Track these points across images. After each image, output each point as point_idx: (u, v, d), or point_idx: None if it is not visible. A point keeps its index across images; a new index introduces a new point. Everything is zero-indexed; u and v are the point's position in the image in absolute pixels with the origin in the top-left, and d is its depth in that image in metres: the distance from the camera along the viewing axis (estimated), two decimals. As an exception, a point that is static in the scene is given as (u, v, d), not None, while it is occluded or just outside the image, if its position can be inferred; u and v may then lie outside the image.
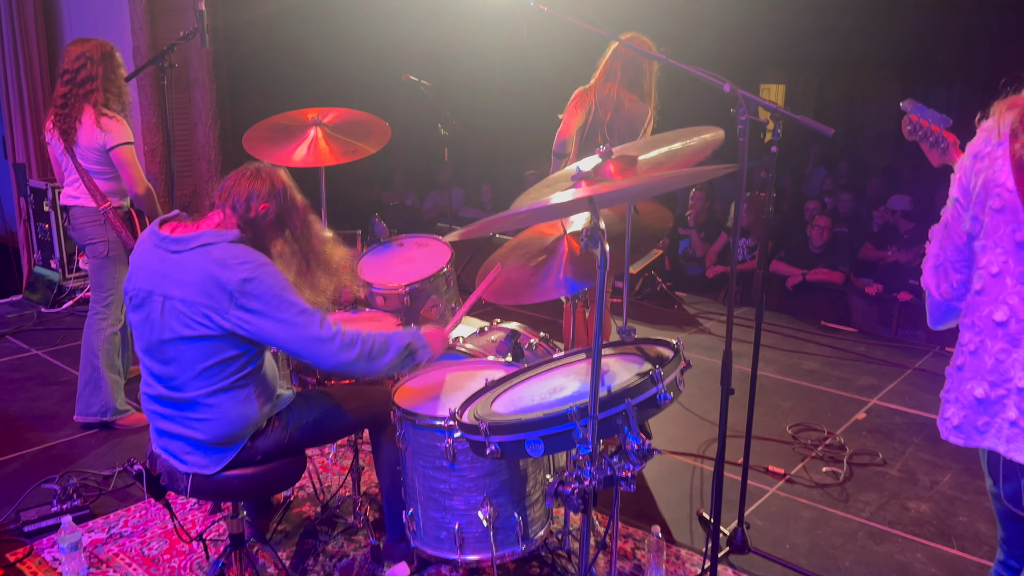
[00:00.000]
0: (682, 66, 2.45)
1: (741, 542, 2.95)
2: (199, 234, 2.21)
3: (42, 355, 4.91)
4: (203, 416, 2.24)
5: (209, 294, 2.13)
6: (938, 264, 1.85)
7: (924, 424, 4.12)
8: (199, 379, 2.21)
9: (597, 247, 1.79)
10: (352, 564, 2.85)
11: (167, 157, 4.46)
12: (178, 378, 2.22)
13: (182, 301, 2.15)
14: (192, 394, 2.23)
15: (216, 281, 2.13)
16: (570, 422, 1.87)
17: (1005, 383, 1.70)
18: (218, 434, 2.25)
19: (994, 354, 1.71)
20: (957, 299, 1.83)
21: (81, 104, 3.58)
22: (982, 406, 1.74)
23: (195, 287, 2.14)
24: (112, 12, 6.33)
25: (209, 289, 2.13)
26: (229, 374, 2.23)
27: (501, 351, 2.98)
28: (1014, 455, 1.68)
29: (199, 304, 2.14)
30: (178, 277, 2.17)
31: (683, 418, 4.11)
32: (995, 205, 1.68)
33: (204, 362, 2.20)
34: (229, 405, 2.24)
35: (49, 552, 2.90)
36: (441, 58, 7.97)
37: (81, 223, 3.70)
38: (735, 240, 2.57)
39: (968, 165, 1.76)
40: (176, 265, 2.18)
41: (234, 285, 2.12)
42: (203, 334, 2.16)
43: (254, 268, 2.15)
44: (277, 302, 2.14)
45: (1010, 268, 1.68)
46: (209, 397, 2.23)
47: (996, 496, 1.78)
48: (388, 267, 3.31)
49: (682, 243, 7.11)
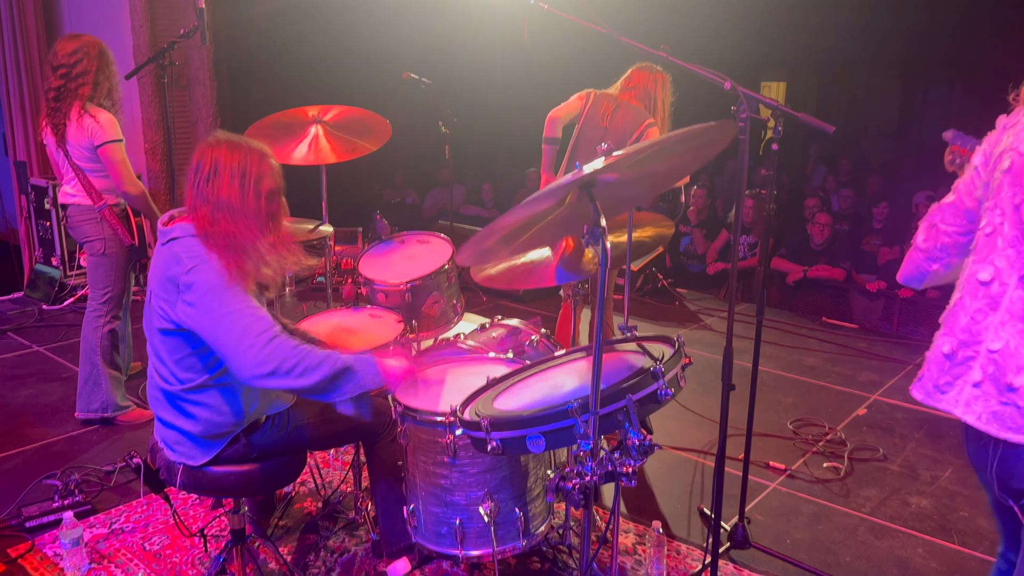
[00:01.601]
0: (683, 63, 2.46)
1: (742, 537, 2.96)
2: (173, 228, 2.20)
3: (43, 352, 4.92)
4: (188, 409, 2.25)
5: (165, 287, 2.15)
6: (932, 223, 1.89)
7: (925, 420, 4.13)
8: (177, 372, 2.22)
9: (598, 244, 1.79)
10: (353, 559, 2.86)
11: (167, 155, 4.47)
12: (163, 369, 2.25)
13: (155, 294, 2.20)
14: (176, 387, 2.24)
15: (169, 274, 2.14)
16: (571, 418, 1.87)
17: (975, 344, 1.68)
18: (202, 430, 2.26)
19: (971, 313, 1.70)
20: (933, 259, 1.86)
21: (72, 100, 3.54)
22: (948, 362, 1.72)
23: (159, 281, 2.17)
24: (112, 10, 6.33)
25: (165, 283, 2.15)
26: (202, 368, 2.22)
27: (502, 348, 2.99)
28: (968, 418, 1.66)
29: (160, 296, 2.17)
30: (154, 270, 2.21)
31: (684, 414, 4.11)
32: (1004, 166, 1.70)
33: (175, 354, 2.20)
34: (211, 403, 2.25)
35: (51, 548, 2.91)
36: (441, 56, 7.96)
37: (78, 221, 3.70)
38: (736, 237, 2.57)
39: (995, 135, 1.78)
40: (156, 258, 2.23)
41: (180, 278, 2.11)
42: (163, 327, 2.18)
43: (199, 262, 2.12)
44: (211, 297, 2.08)
45: (1003, 230, 1.68)
46: (190, 393, 2.23)
47: (986, 484, 1.78)
48: (389, 264, 3.32)
49: (683, 240, 7.11)
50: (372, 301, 3.19)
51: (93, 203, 3.64)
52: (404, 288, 3.09)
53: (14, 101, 6.34)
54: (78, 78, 3.55)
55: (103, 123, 3.54)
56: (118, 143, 3.59)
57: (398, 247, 3.45)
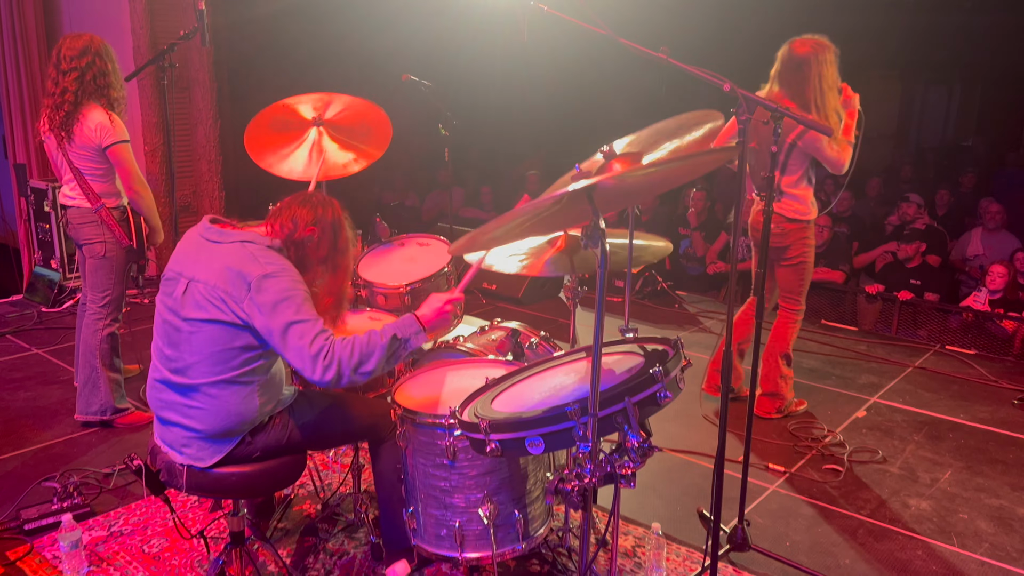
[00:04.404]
0: (682, 65, 2.45)
1: (741, 539, 2.95)
2: (244, 232, 2.29)
3: (43, 354, 4.92)
4: (201, 405, 2.25)
5: (231, 281, 2.19)
6: None
7: (924, 422, 4.13)
8: (205, 364, 2.23)
9: (597, 246, 1.79)
10: (352, 562, 2.86)
11: (167, 157, 4.46)
12: (184, 360, 2.25)
13: (204, 284, 2.21)
14: (195, 380, 2.25)
15: (240, 272, 2.19)
16: (570, 420, 1.87)
17: None
18: (214, 426, 2.26)
19: None
20: None
21: (88, 100, 3.53)
22: None
23: (220, 273, 2.20)
24: (112, 11, 6.33)
25: (232, 277, 2.19)
26: (236, 365, 2.25)
27: (502, 350, 2.99)
28: None
29: (219, 288, 2.19)
30: (207, 262, 2.24)
31: (683, 416, 4.11)
32: None
33: (212, 347, 2.23)
34: (230, 398, 2.26)
35: (49, 550, 2.91)
36: (441, 58, 7.97)
37: (78, 223, 3.69)
38: (735, 239, 2.57)
39: None
40: (210, 253, 2.26)
41: (254, 278, 2.17)
42: (215, 316, 2.20)
43: (278, 269, 2.21)
44: (285, 303, 2.16)
45: None
46: (211, 386, 2.25)
47: None
48: (389, 266, 3.32)
49: (683, 243, 7.11)
50: (372, 304, 3.19)
51: (91, 205, 3.64)
52: (404, 290, 3.09)
53: (14, 103, 6.34)
54: (96, 79, 3.53)
55: (113, 124, 3.55)
56: (126, 144, 3.59)
57: (398, 249, 3.45)
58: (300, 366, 2.16)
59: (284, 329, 2.15)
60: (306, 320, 2.17)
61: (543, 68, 7.02)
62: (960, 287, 6.36)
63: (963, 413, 4.25)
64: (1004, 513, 3.29)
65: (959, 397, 4.47)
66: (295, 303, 2.17)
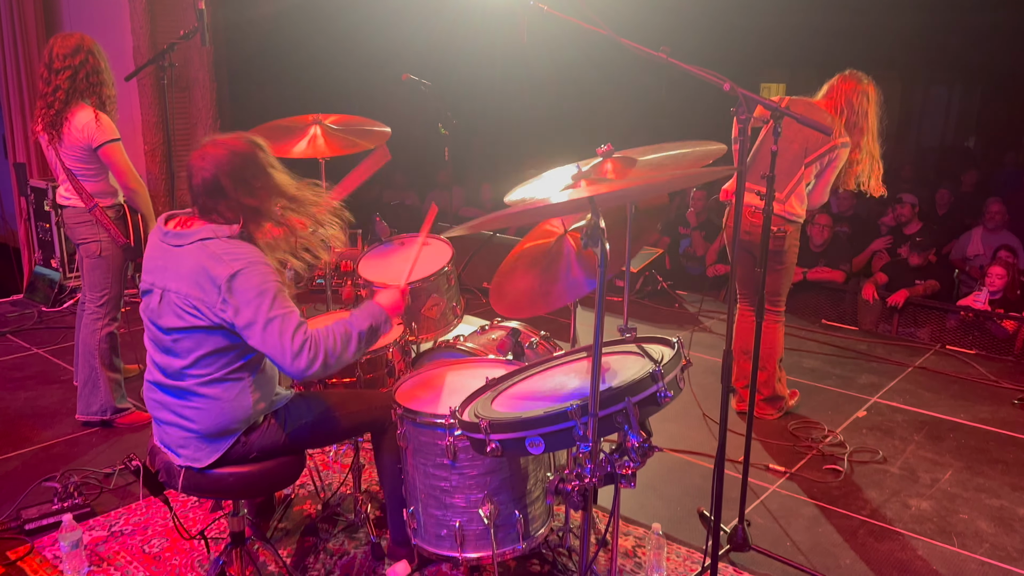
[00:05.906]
0: (682, 65, 2.45)
1: (742, 539, 2.95)
2: (198, 229, 2.24)
3: (43, 354, 4.92)
4: (196, 405, 2.26)
5: (201, 287, 2.17)
6: None
7: (925, 422, 4.13)
8: (194, 368, 2.24)
9: (597, 246, 1.79)
10: (353, 562, 2.86)
11: (167, 156, 4.46)
12: (174, 366, 2.26)
13: (176, 293, 2.21)
14: (187, 383, 2.25)
15: (208, 274, 2.16)
16: (570, 420, 1.87)
17: None
18: (210, 425, 2.26)
19: None
20: None
21: (78, 99, 3.50)
22: None
23: (189, 279, 2.19)
24: (112, 11, 6.33)
25: (202, 282, 2.17)
26: (223, 365, 2.25)
27: (502, 349, 2.99)
28: None
29: (191, 296, 2.18)
30: (176, 270, 2.22)
31: (684, 416, 4.11)
32: None
33: (197, 351, 2.23)
34: (223, 396, 2.26)
35: (50, 550, 2.91)
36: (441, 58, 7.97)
37: (74, 223, 3.68)
38: (735, 239, 2.56)
39: None
40: (176, 258, 2.23)
41: (223, 281, 2.15)
42: (193, 324, 2.20)
43: (245, 264, 2.17)
44: (260, 300, 2.14)
45: None
46: (203, 386, 2.25)
47: None
48: (389, 266, 3.31)
49: (683, 242, 7.11)
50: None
51: (86, 205, 3.62)
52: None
53: (14, 103, 6.34)
54: (89, 77, 3.51)
55: (99, 123, 3.51)
56: (117, 142, 3.56)
57: (398, 249, 3.45)
58: (282, 362, 2.15)
59: (264, 326, 2.14)
60: (284, 314, 2.16)
61: (543, 68, 7.02)
62: (960, 287, 6.36)
63: (963, 413, 4.25)
64: (1004, 513, 3.29)
65: (959, 397, 4.47)
66: (269, 297, 2.15)
